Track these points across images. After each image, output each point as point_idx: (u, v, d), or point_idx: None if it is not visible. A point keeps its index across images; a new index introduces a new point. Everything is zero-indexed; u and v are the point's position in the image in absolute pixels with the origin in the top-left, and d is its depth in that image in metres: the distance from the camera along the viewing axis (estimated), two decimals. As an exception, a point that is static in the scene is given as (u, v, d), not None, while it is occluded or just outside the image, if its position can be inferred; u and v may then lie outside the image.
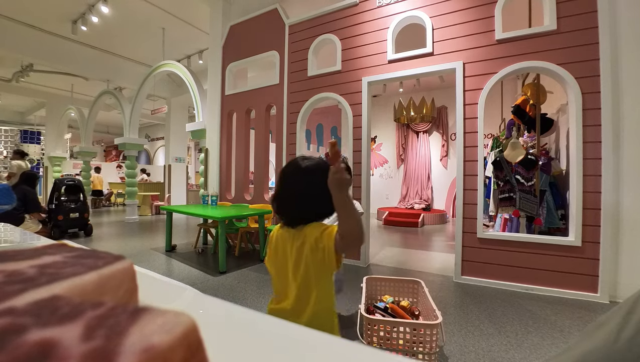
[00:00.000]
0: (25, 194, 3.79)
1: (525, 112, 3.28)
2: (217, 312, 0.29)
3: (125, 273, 0.19)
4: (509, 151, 2.84)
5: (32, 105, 9.79)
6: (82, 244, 0.37)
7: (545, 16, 2.48)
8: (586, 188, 2.31)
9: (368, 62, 3.24)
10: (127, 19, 5.37)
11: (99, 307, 0.12)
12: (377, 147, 8.02)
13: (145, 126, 12.80)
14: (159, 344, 0.11)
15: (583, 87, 2.32)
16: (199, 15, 5.14)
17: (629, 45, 2.25)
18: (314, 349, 0.22)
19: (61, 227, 4.25)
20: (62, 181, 4.47)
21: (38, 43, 5.73)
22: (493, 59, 2.63)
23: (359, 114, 3.27)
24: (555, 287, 2.35)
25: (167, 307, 0.13)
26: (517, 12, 2.79)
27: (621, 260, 2.24)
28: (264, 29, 4.06)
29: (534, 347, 1.63)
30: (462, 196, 2.71)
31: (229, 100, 4.41)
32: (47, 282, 0.15)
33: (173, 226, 3.84)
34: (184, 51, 6.58)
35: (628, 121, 2.24)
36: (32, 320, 0.11)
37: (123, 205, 9.14)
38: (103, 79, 7.02)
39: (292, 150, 3.73)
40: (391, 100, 7.29)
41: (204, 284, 2.58)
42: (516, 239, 2.52)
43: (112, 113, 9.51)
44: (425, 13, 2.94)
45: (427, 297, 1.63)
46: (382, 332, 1.38)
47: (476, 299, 2.28)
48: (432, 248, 4.06)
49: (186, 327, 0.12)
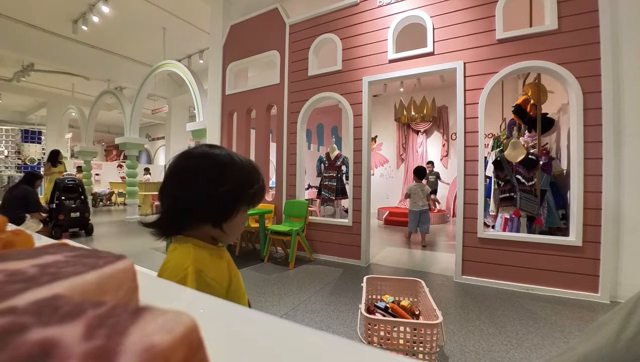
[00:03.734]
0: (26, 194, 3.80)
1: (526, 111, 3.28)
2: (218, 311, 0.29)
3: (126, 273, 0.19)
4: (509, 151, 2.84)
5: (33, 104, 9.81)
6: (83, 244, 0.38)
7: (546, 16, 2.47)
8: (587, 188, 2.31)
9: (368, 62, 3.24)
10: (127, 19, 5.38)
11: (99, 306, 0.12)
12: (377, 146, 8.02)
13: (146, 126, 12.82)
14: (159, 344, 0.11)
15: (584, 86, 2.32)
16: (199, 15, 5.14)
17: (630, 44, 2.25)
18: (315, 349, 0.22)
19: (62, 226, 4.26)
20: (62, 180, 4.48)
21: (39, 43, 5.74)
22: (494, 58, 2.63)
23: (359, 113, 3.27)
24: (555, 287, 2.35)
25: (168, 306, 0.13)
26: (518, 11, 2.78)
27: (622, 260, 2.24)
28: (264, 28, 4.06)
29: (535, 347, 1.63)
30: (462, 196, 2.71)
31: (229, 100, 4.41)
32: (48, 281, 0.15)
33: (174, 225, 3.83)
34: (185, 51, 6.58)
35: (629, 121, 2.23)
36: (33, 319, 0.11)
37: (124, 204, 9.16)
38: (104, 78, 7.02)
39: (292, 150, 3.73)
40: (392, 100, 7.28)
41: (205, 284, 2.58)
42: (517, 239, 2.52)
43: (112, 113, 9.52)
44: (426, 12, 2.94)
45: (427, 297, 1.63)
46: (383, 332, 1.38)
47: (477, 299, 2.28)
48: (433, 248, 4.06)
49: (187, 327, 0.12)
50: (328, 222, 3.54)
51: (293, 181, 3.72)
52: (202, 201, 0.60)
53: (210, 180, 0.61)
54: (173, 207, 0.62)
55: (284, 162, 3.79)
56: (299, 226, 3.26)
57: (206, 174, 0.61)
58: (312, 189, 6.73)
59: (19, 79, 7.20)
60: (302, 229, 3.27)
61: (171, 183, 0.63)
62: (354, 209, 3.28)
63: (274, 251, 3.72)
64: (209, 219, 0.62)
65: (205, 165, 0.62)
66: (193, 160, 0.63)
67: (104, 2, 4.72)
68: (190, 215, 0.61)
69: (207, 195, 0.60)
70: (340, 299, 2.27)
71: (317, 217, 3.91)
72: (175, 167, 0.64)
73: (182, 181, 0.62)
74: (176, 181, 0.63)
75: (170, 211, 0.62)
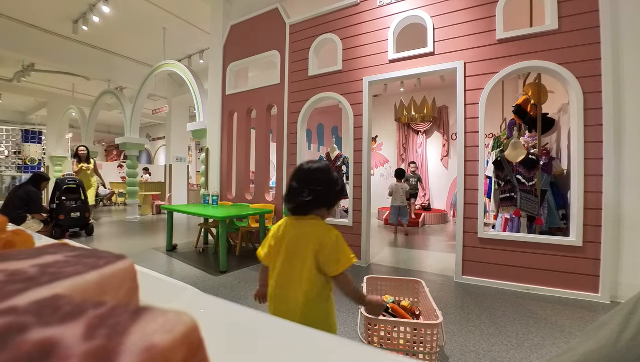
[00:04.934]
0: (29, 194, 3.80)
1: (526, 111, 3.27)
2: (218, 311, 0.29)
3: (126, 272, 0.19)
4: (509, 151, 2.84)
5: (33, 104, 9.81)
6: (83, 244, 0.38)
7: (547, 16, 2.47)
8: (587, 188, 2.31)
9: (369, 62, 3.24)
10: (128, 19, 5.37)
11: (100, 306, 0.12)
12: (377, 146, 8.02)
13: (146, 126, 12.82)
14: (160, 344, 0.11)
15: (584, 86, 2.31)
16: (199, 15, 5.14)
17: (630, 44, 2.24)
18: (315, 349, 0.22)
19: (62, 226, 4.27)
20: (63, 180, 4.48)
21: (39, 43, 5.73)
22: (494, 58, 2.63)
23: (359, 113, 3.27)
24: (556, 287, 2.35)
25: (168, 306, 0.13)
26: (518, 11, 2.78)
27: (622, 260, 2.23)
28: (264, 28, 4.06)
29: (535, 347, 1.63)
30: (462, 196, 2.71)
31: (229, 100, 4.41)
32: (49, 281, 0.15)
33: (174, 225, 3.84)
34: (185, 51, 6.58)
35: (629, 121, 2.23)
36: (34, 319, 0.11)
37: (124, 204, 9.16)
38: (104, 78, 7.02)
39: (292, 149, 3.73)
40: (392, 99, 7.28)
41: (205, 284, 2.58)
42: (517, 239, 2.52)
43: (113, 113, 9.52)
44: (426, 12, 2.93)
45: (427, 297, 1.63)
46: (383, 332, 1.38)
47: (477, 299, 2.28)
48: (433, 248, 4.06)
49: (187, 327, 0.12)
50: (328, 222, 3.54)
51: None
52: (329, 195, 1.02)
53: (333, 183, 1.03)
54: (313, 197, 0.99)
55: (284, 162, 3.79)
56: (299, 225, 3.25)
57: (331, 180, 1.02)
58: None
59: (19, 79, 7.20)
60: (302, 229, 3.26)
61: (310, 182, 1.00)
62: (354, 209, 3.28)
63: (274, 251, 3.71)
64: (328, 205, 1.05)
65: (329, 176, 1.03)
66: (323, 172, 1.02)
67: (104, 2, 4.71)
68: (319, 202, 1.01)
69: (333, 192, 1.03)
70: (340, 299, 2.26)
71: (317, 217, 3.90)
72: (309, 174, 1.02)
73: (319, 183, 1.00)
74: (315, 182, 1.00)
75: (310, 200, 0.99)
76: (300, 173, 1.04)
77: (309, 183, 1.00)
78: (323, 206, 1.03)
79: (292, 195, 1.02)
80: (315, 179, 1.00)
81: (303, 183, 1.01)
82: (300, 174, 1.03)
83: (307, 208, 1.01)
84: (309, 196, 0.98)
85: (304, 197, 0.99)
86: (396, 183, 4.91)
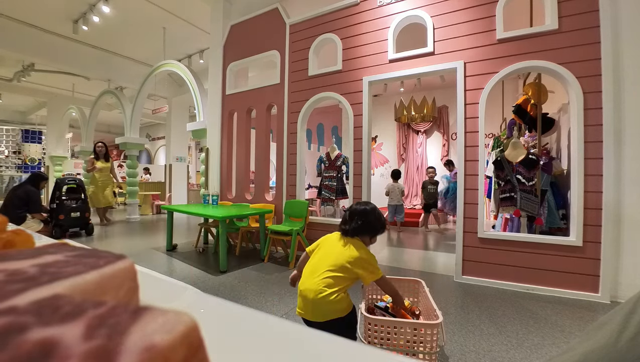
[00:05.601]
0: (29, 194, 3.81)
1: (526, 111, 3.27)
2: (218, 311, 0.29)
3: (126, 272, 0.19)
4: (510, 151, 2.83)
5: (34, 104, 9.81)
6: (83, 244, 0.38)
7: (547, 15, 2.47)
8: (587, 188, 2.31)
9: (369, 62, 3.24)
10: (128, 19, 5.37)
11: (100, 306, 0.12)
12: (377, 146, 8.01)
13: (146, 126, 12.82)
14: (160, 344, 0.11)
15: (584, 86, 2.31)
16: (199, 15, 5.14)
17: (630, 44, 2.24)
18: (315, 349, 0.22)
19: (62, 226, 4.27)
20: (63, 180, 4.48)
21: (39, 43, 5.73)
22: (494, 58, 2.63)
23: (359, 113, 3.27)
24: (556, 287, 2.35)
25: (168, 306, 0.13)
26: (518, 11, 2.78)
27: (622, 260, 2.23)
28: (264, 28, 4.06)
29: (535, 347, 1.63)
30: (462, 196, 2.71)
31: (229, 100, 4.41)
32: (49, 281, 0.15)
33: (174, 225, 3.84)
34: (185, 51, 6.58)
35: (629, 121, 2.23)
36: (34, 319, 0.11)
37: (124, 204, 9.16)
38: (104, 78, 7.03)
39: (292, 149, 3.73)
40: (392, 99, 7.28)
41: (205, 284, 2.59)
42: (517, 239, 2.52)
43: (113, 113, 9.52)
44: (426, 12, 2.93)
45: (427, 297, 1.62)
46: (383, 332, 1.38)
47: (477, 299, 2.28)
48: (433, 248, 4.06)
49: (187, 327, 0.12)
50: (328, 222, 3.54)
51: (293, 180, 3.72)
52: (377, 227, 1.44)
53: (379, 219, 1.46)
54: (365, 226, 1.41)
55: (284, 162, 3.79)
56: (299, 225, 3.26)
57: (378, 218, 1.45)
58: (312, 189, 6.73)
59: (19, 79, 7.20)
60: (302, 229, 3.27)
61: (368, 216, 1.43)
62: (354, 209, 3.28)
63: (274, 251, 3.72)
64: (372, 234, 1.45)
65: (377, 215, 1.46)
66: (375, 213, 1.45)
67: (104, 2, 4.71)
68: (367, 231, 1.43)
69: (381, 225, 1.45)
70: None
71: (317, 217, 3.91)
72: (367, 212, 1.44)
73: (372, 216, 1.43)
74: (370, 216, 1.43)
75: (361, 227, 1.41)
76: (357, 211, 1.45)
77: (362, 217, 1.42)
78: (367, 233, 1.43)
79: (348, 222, 1.44)
80: (367, 215, 1.43)
81: (357, 216, 1.43)
82: (357, 212, 1.44)
83: (355, 232, 1.42)
84: (359, 223, 1.41)
85: (355, 224, 1.41)
86: (392, 183, 5.24)
